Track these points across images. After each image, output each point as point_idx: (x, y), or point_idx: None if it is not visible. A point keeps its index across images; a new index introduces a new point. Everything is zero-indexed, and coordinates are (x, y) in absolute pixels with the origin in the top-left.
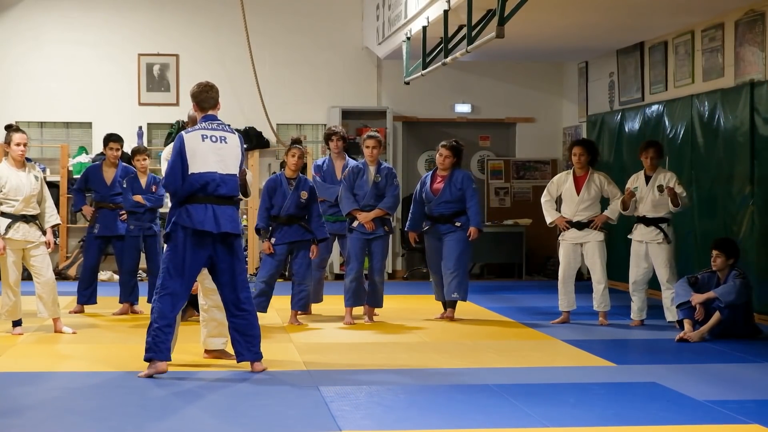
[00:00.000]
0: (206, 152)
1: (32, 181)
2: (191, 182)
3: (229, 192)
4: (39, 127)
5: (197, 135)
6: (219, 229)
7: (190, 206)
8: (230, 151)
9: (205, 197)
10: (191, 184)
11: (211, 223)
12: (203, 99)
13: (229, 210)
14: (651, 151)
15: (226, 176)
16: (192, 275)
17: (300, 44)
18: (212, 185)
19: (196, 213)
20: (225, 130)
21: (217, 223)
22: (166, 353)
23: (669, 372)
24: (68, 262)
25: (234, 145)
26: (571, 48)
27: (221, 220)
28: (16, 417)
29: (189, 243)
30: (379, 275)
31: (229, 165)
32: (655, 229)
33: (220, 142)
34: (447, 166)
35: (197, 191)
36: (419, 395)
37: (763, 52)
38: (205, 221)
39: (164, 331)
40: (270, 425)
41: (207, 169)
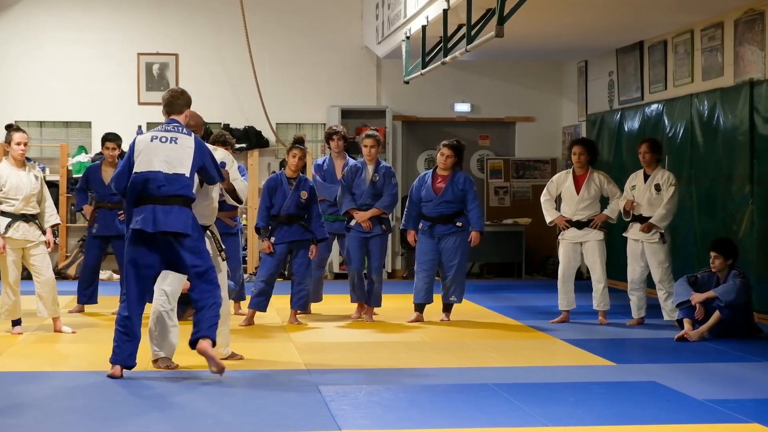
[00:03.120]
0: (151, 152)
1: (32, 180)
2: (133, 181)
3: (175, 191)
4: (38, 127)
5: (148, 136)
6: (156, 228)
7: (137, 208)
8: (180, 151)
9: (148, 197)
10: (133, 184)
11: (149, 223)
12: (169, 104)
13: (174, 209)
14: (644, 146)
15: (171, 176)
16: (145, 277)
17: (299, 44)
18: (153, 184)
19: (136, 213)
20: (179, 132)
21: (156, 222)
22: (123, 358)
23: (669, 371)
24: (68, 261)
25: (185, 145)
26: (570, 47)
27: (161, 219)
28: (16, 416)
29: (136, 245)
30: (376, 274)
31: (175, 165)
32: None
33: (170, 142)
34: (449, 165)
35: (140, 191)
36: (419, 395)
37: (762, 51)
38: (144, 221)
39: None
40: (270, 425)
41: (149, 168)
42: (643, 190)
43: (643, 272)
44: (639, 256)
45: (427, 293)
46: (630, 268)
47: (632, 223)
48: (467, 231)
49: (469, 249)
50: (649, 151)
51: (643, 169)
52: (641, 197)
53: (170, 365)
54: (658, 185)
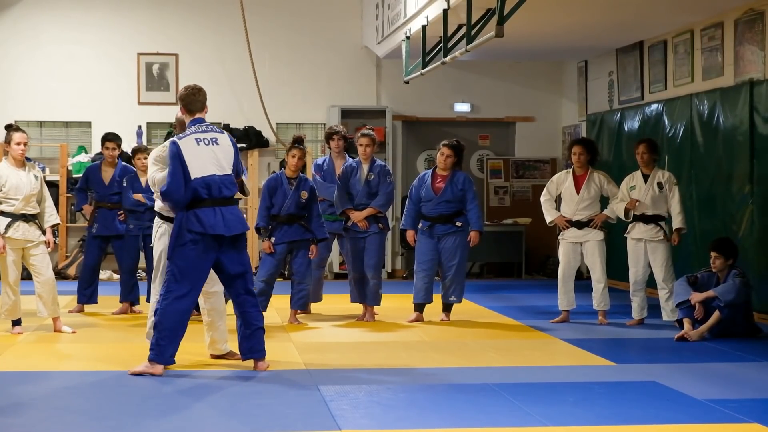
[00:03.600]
0: (202, 156)
1: (32, 180)
2: (194, 187)
3: (231, 192)
4: (38, 127)
5: (191, 139)
6: (230, 232)
7: (198, 211)
8: (224, 151)
9: (211, 201)
10: (194, 189)
11: (221, 227)
12: (191, 102)
13: (235, 210)
14: (641, 147)
15: (224, 177)
16: (201, 278)
17: (299, 43)
18: (215, 188)
19: (206, 217)
20: (215, 131)
21: (227, 225)
22: (167, 358)
23: (669, 371)
24: (68, 261)
25: (226, 144)
26: (570, 47)
27: (230, 221)
28: (16, 416)
29: (199, 247)
30: (373, 272)
31: (224, 166)
32: (655, 226)
33: (213, 144)
34: (448, 165)
35: (203, 196)
36: (419, 395)
37: (762, 51)
38: (216, 225)
39: (170, 335)
40: (270, 424)
41: (207, 173)
42: (646, 189)
43: (645, 273)
44: (642, 256)
45: (427, 293)
46: (632, 269)
47: (634, 223)
48: (467, 231)
49: (469, 249)
50: (647, 152)
51: (639, 169)
52: (644, 197)
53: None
54: (660, 183)
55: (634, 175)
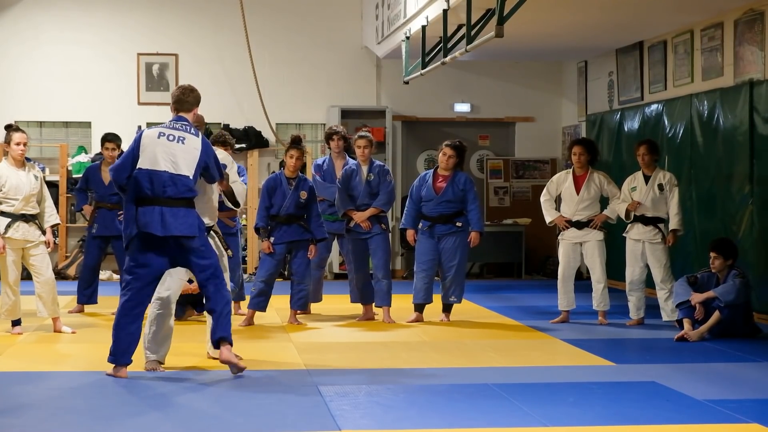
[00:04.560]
0: (158, 150)
1: (32, 180)
2: (138, 178)
3: (179, 193)
4: (38, 127)
5: (155, 132)
6: (166, 232)
7: (140, 208)
8: (185, 151)
9: (154, 198)
10: (138, 181)
11: (157, 226)
12: (179, 101)
13: (181, 211)
14: (642, 148)
15: (176, 176)
16: (150, 276)
17: (299, 44)
18: (158, 184)
19: (143, 215)
20: (187, 131)
21: (165, 225)
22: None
23: (668, 371)
24: (68, 261)
25: (192, 147)
26: (570, 47)
27: (170, 222)
28: (16, 416)
29: (142, 244)
30: (383, 272)
31: (180, 166)
32: (653, 228)
33: (178, 142)
34: (450, 166)
35: (145, 190)
36: (419, 395)
37: (762, 51)
38: (151, 223)
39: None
40: (269, 425)
41: (155, 167)
42: (646, 190)
43: (642, 273)
44: (639, 256)
45: (427, 293)
46: (629, 269)
47: (633, 223)
48: (467, 231)
49: (469, 249)
50: (647, 153)
51: (641, 170)
52: (645, 198)
53: (157, 368)
54: (661, 185)
55: (635, 175)
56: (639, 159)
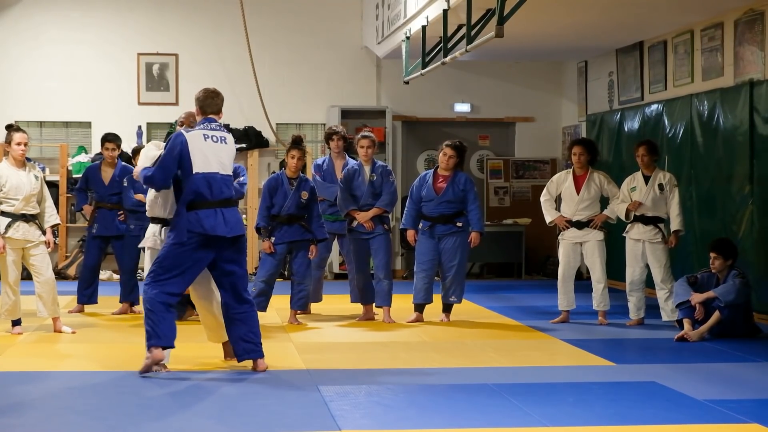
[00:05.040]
0: (208, 152)
1: (32, 180)
2: (196, 182)
3: (231, 194)
4: (38, 127)
5: (199, 134)
6: (232, 233)
7: (200, 212)
8: (228, 152)
9: (212, 201)
10: (196, 185)
11: (222, 228)
12: (208, 104)
13: (235, 212)
14: (641, 149)
15: (226, 177)
16: (192, 276)
17: (299, 44)
18: (216, 187)
19: (207, 219)
20: (224, 131)
21: (229, 226)
22: (166, 339)
23: (668, 371)
24: (68, 261)
25: (232, 146)
26: (570, 47)
27: (231, 223)
28: (16, 416)
29: (196, 246)
30: (384, 272)
31: (227, 166)
32: (653, 228)
33: (221, 142)
34: (451, 166)
35: (203, 194)
36: (419, 395)
37: (762, 51)
38: (217, 226)
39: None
40: (270, 425)
41: (210, 169)
42: (647, 191)
43: (642, 273)
44: (639, 256)
45: (427, 293)
46: (629, 269)
47: (633, 223)
48: (467, 231)
49: (469, 249)
50: (647, 153)
51: (640, 170)
52: (645, 198)
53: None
54: (661, 185)
55: (635, 176)
56: (638, 160)
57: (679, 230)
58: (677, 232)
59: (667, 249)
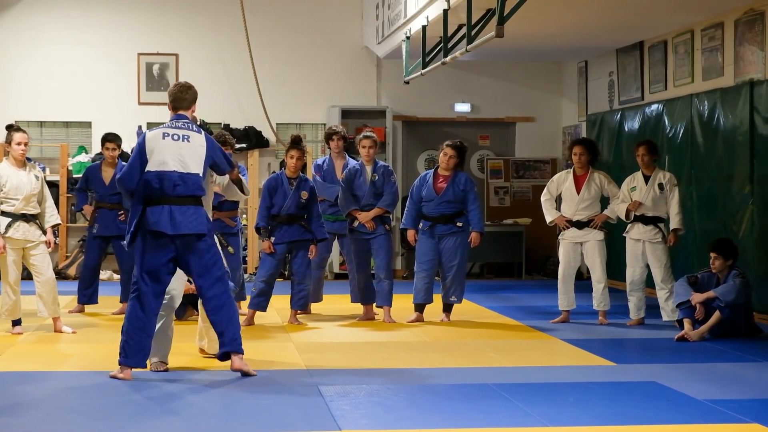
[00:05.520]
0: (165, 150)
1: (32, 180)
2: (147, 180)
3: (188, 191)
4: (39, 127)
5: (159, 133)
6: (175, 231)
7: (148, 208)
8: (192, 149)
9: (162, 197)
10: (148, 183)
11: (166, 224)
12: (177, 99)
13: (190, 210)
14: (641, 149)
15: (186, 175)
16: (160, 276)
17: (299, 44)
18: (168, 184)
19: (152, 215)
20: (190, 129)
21: (174, 224)
22: (135, 359)
23: (669, 371)
24: (68, 261)
25: (197, 144)
26: (570, 47)
27: (179, 220)
28: (16, 416)
29: (149, 245)
30: (385, 272)
31: (188, 164)
32: (654, 228)
33: (183, 140)
34: (451, 166)
35: (154, 190)
36: (419, 395)
37: (762, 51)
38: (161, 222)
39: (135, 335)
40: (270, 425)
41: (164, 167)
42: (647, 190)
43: (642, 273)
44: (640, 256)
45: (427, 293)
46: (630, 269)
47: (633, 223)
48: (467, 231)
49: (469, 249)
50: (647, 153)
51: (640, 170)
52: (645, 198)
53: (160, 368)
54: (661, 184)
55: (635, 175)
56: (638, 159)
57: (678, 229)
58: (677, 230)
59: (667, 249)
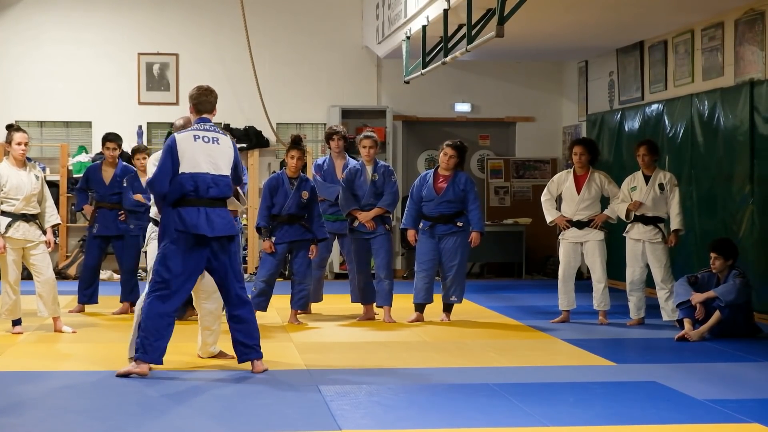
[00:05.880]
0: (197, 152)
1: (33, 180)
2: (181, 182)
3: (221, 193)
4: (39, 127)
5: (189, 135)
6: (214, 233)
7: (182, 210)
8: (222, 152)
9: (196, 200)
10: (181, 185)
11: (204, 227)
12: (201, 102)
13: (222, 212)
14: (642, 149)
15: (218, 177)
16: (188, 279)
17: (300, 43)
18: (203, 186)
19: (189, 217)
20: (218, 132)
21: (212, 226)
22: (154, 357)
23: (669, 371)
24: (68, 261)
25: (226, 146)
26: (570, 47)
27: (215, 223)
28: (16, 416)
29: (182, 247)
30: (386, 272)
31: (220, 166)
32: (654, 228)
33: (213, 143)
34: (451, 166)
35: (188, 192)
36: (419, 395)
37: (762, 51)
38: (199, 224)
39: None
40: (270, 424)
41: (198, 169)
42: (647, 190)
43: (642, 273)
44: (640, 256)
45: (427, 293)
46: (630, 269)
47: (633, 223)
48: (467, 231)
49: (469, 249)
50: (648, 153)
51: (640, 170)
52: (645, 198)
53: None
54: (661, 185)
55: (635, 175)
56: (639, 159)
57: (678, 229)
58: (677, 231)
59: (667, 249)
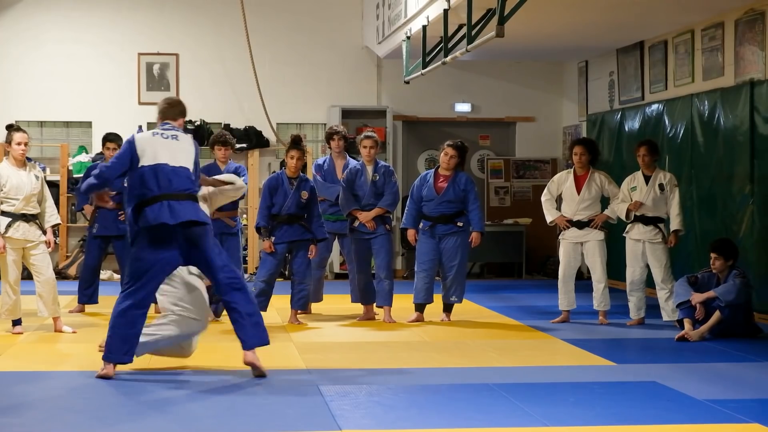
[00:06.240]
0: (156, 146)
1: (33, 180)
2: (143, 177)
3: (183, 184)
4: (39, 127)
5: (149, 133)
6: (176, 220)
7: (147, 207)
8: (181, 147)
9: (160, 194)
10: (142, 180)
11: (167, 216)
12: (163, 111)
13: (187, 204)
14: (642, 149)
15: (177, 168)
16: (156, 276)
17: (300, 43)
18: (163, 178)
19: (151, 211)
20: (178, 131)
21: (174, 215)
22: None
23: (669, 371)
24: (68, 261)
25: (186, 143)
26: (571, 47)
27: (177, 210)
28: (16, 416)
29: (152, 242)
30: (386, 272)
31: (179, 159)
32: (654, 228)
33: (171, 139)
34: (452, 166)
35: (150, 188)
36: (419, 395)
37: (763, 51)
38: (161, 215)
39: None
40: (270, 425)
41: (156, 161)
42: (647, 191)
43: (642, 273)
44: (640, 256)
45: (428, 293)
46: (630, 269)
47: (633, 223)
48: (468, 231)
49: (470, 249)
50: (648, 154)
51: (640, 170)
52: (646, 198)
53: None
54: (661, 185)
55: (635, 175)
56: (639, 160)
57: (678, 230)
58: (677, 231)
59: (667, 249)
